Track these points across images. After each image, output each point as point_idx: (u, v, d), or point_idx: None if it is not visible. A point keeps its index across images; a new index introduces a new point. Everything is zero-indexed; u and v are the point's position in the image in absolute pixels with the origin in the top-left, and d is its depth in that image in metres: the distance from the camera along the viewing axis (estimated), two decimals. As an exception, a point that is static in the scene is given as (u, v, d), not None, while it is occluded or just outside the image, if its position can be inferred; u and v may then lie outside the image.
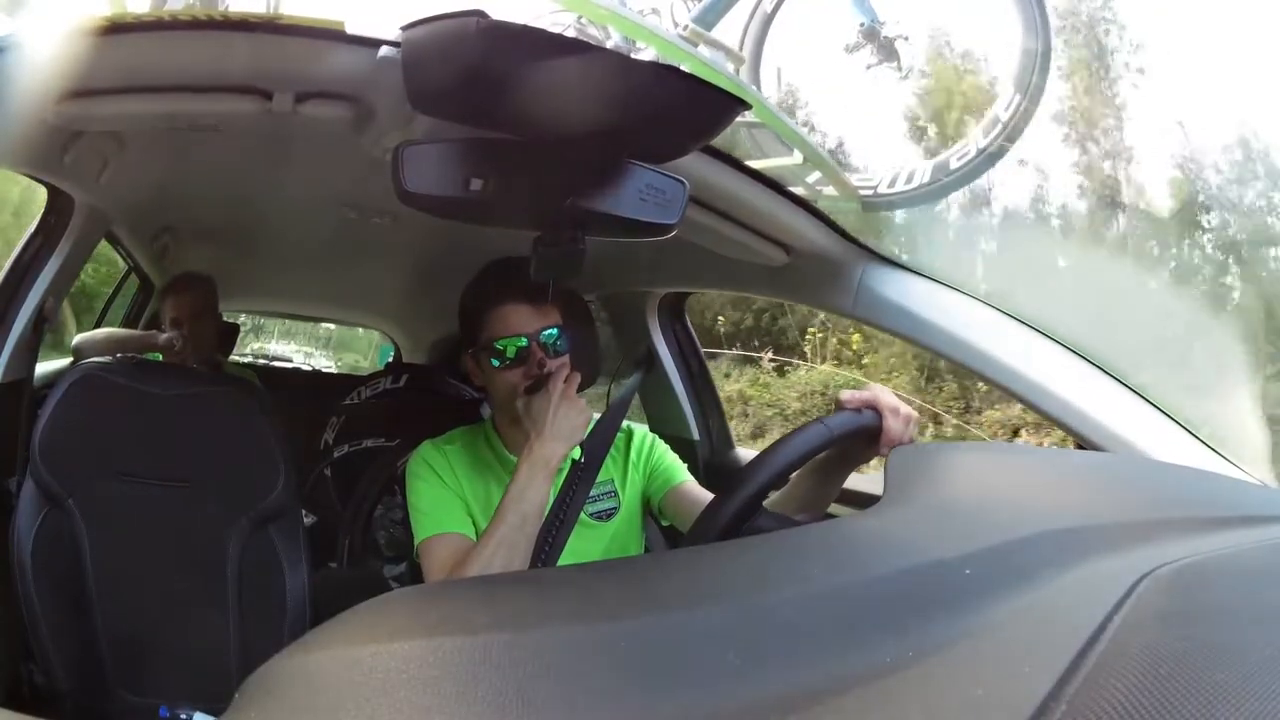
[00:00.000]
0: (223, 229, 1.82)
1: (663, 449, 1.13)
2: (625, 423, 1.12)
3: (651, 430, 1.14)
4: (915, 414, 0.80)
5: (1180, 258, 6.18)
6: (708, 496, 1.03)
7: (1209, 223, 6.13)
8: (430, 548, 0.98)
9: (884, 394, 0.80)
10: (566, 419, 0.94)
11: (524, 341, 0.98)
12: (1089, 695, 0.28)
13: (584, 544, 1.02)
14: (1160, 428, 0.97)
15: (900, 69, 2.58)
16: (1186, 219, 6.08)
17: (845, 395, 0.80)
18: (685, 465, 1.12)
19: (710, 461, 1.68)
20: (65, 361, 1.86)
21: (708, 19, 2.40)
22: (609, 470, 1.08)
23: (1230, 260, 5.98)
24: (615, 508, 1.07)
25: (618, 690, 0.31)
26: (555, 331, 0.99)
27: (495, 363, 0.99)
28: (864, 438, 0.79)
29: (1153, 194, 6.28)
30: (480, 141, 0.75)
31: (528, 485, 0.92)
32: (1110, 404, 0.98)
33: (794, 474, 0.81)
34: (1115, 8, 6.39)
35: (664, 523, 1.13)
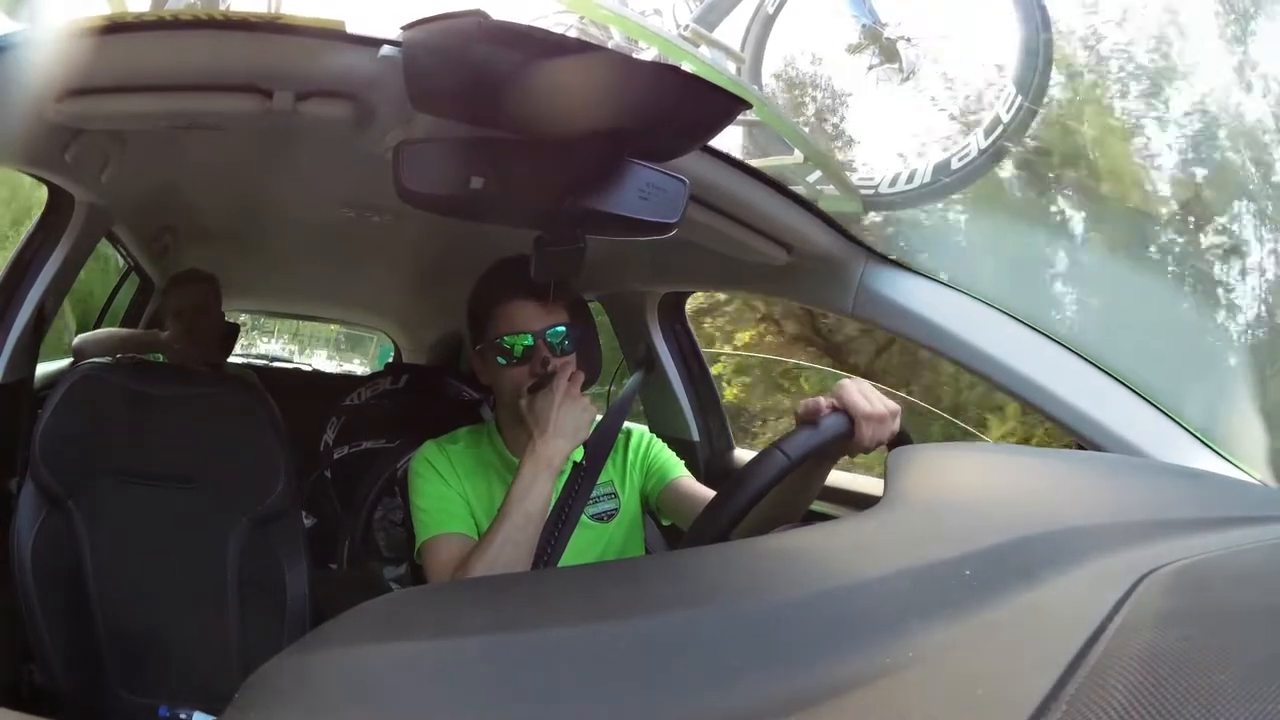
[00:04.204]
0: (223, 228, 1.82)
1: (660, 446, 1.12)
2: (624, 423, 1.12)
3: (651, 431, 1.14)
4: (893, 406, 0.76)
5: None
6: (703, 491, 1.03)
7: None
8: (432, 548, 0.97)
9: (852, 394, 0.75)
10: (570, 417, 0.93)
11: (529, 339, 0.97)
12: (1089, 695, 0.28)
13: (584, 545, 1.02)
14: (1160, 428, 0.97)
15: (902, 70, 2.58)
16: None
17: (806, 404, 0.76)
18: (684, 463, 1.12)
19: (710, 463, 1.68)
20: (66, 362, 1.86)
21: (709, 19, 2.40)
22: (608, 471, 1.08)
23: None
24: (615, 509, 1.07)
25: (618, 691, 0.31)
26: (562, 330, 0.98)
27: (501, 360, 0.99)
28: (836, 442, 0.75)
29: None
30: (481, 140, 0.75)
31: (531, 484, 0.91)
32: (1110, 404, 0.98)
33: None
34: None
35: (664, 521, 1.13)
